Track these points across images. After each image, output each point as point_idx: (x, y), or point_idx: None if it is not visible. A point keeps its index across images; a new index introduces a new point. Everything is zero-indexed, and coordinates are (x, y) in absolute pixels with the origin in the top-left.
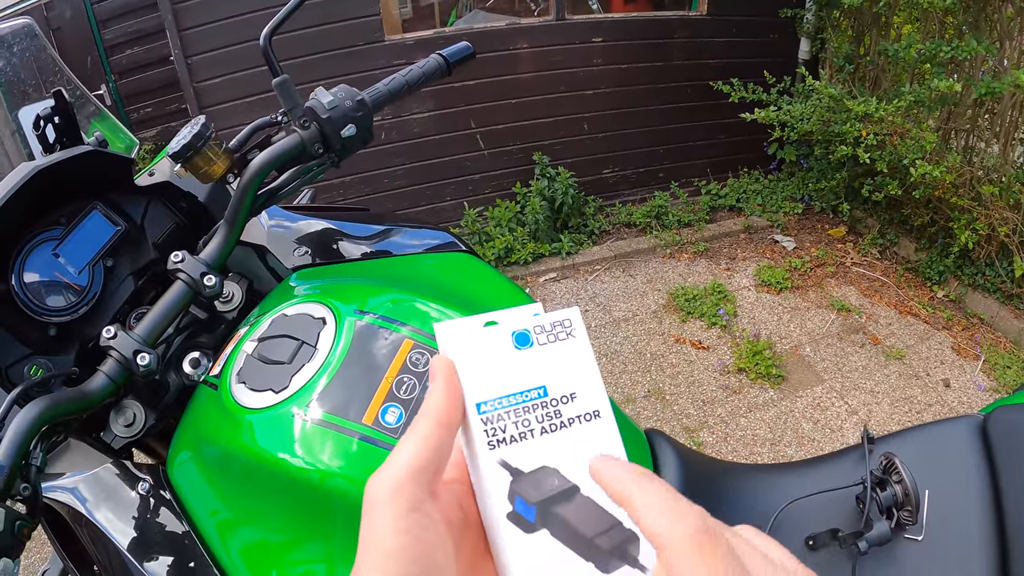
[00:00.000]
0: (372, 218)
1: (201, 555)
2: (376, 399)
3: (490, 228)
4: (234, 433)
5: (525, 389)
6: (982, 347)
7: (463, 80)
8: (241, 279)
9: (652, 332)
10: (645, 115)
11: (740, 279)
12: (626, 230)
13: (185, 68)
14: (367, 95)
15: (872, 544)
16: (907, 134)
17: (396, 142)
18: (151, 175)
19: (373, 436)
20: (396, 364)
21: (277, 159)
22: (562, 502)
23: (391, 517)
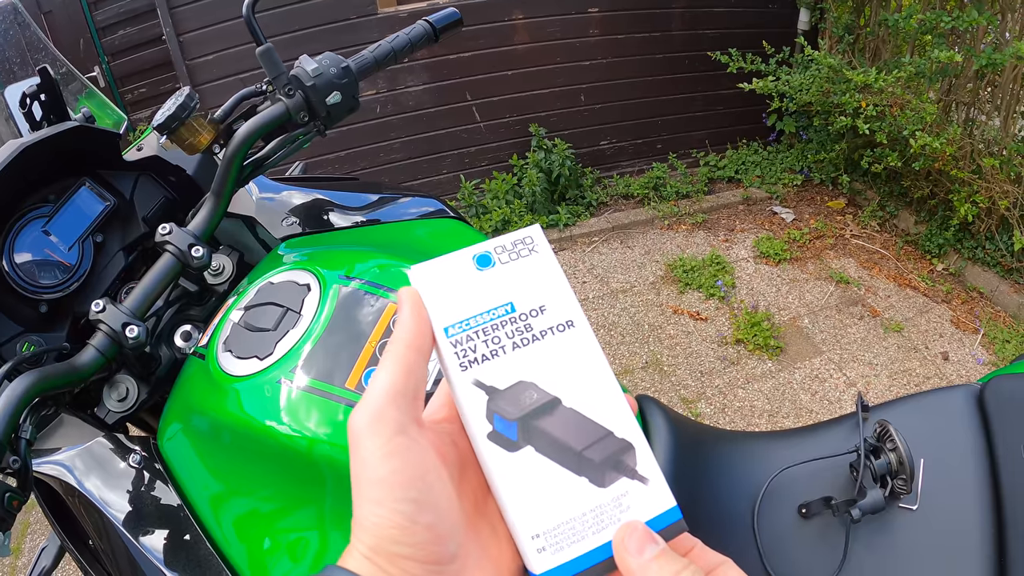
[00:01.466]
0: (362, 187)
1: (194, 528)
2: (360, 363)
3: (487, 201)
4: (221, 402)
5: (491, 307)
6: (981, 320)
7: (458, 52)
8: (231, 251)
9: (650, 303)
10: (642, 86)
11: (738, 250)
12: (624, 202)
13: (177, 46)
14: (352, 62)
15: (865, 512)
16: (907, 105)
17: (392, 115)
18: (139, 150)
19: (357, 400)
20: (380, 328)
21: (262, 128)
22: (544, 415)
23: (377, 444)
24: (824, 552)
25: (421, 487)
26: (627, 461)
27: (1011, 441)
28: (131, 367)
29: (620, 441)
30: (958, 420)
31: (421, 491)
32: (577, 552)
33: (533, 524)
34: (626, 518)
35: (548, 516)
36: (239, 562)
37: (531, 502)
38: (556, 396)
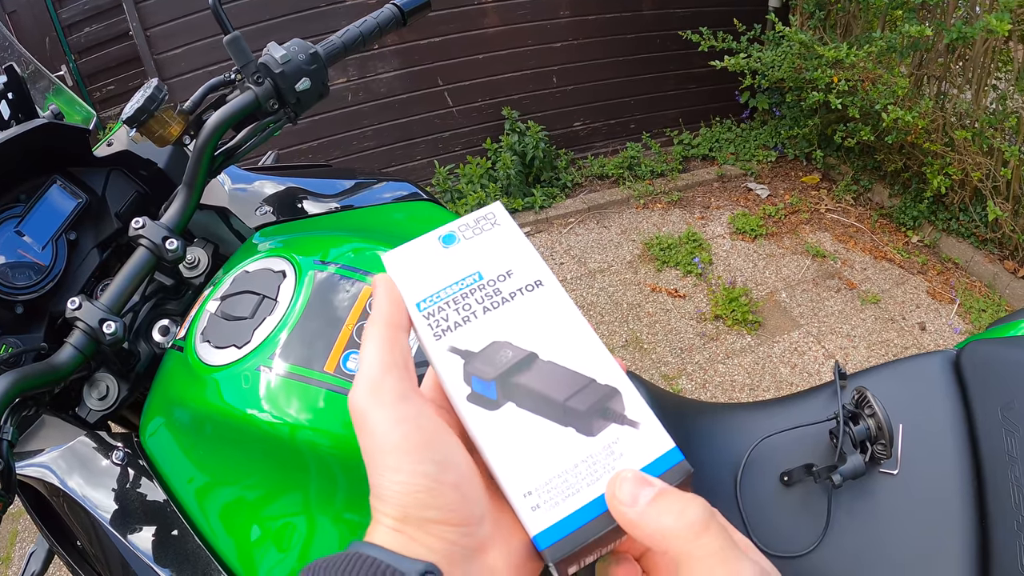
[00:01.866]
0: (335, 173)
1: (181, 523)
2: (337, 346)
3: (462, 185)
4: (201, 392)
5: (460, 279)
6: (957, 291)
7: (428, 37)
8: (206, 244)
9: (628, 282)
10: (614, 66)
11: (715, 227)
12: (599, 182)
13: (144, 41)
14: (321, 48)
15: (846, 477)
16: (879, 80)
17: (363, 103)
18: (109, 145)
19: (336, 384)
20: (356, 311)
21: (232, 117)
22: (522, 371)
23: (383, 413)
24: (807, 519)
25: (438, 447)
26: (614, 407)
27: (988, 404)
28: (110, 365)
29: (604, 387)
30: (935, 385)
31: (439, 451)
32: (574, 506)
33: (523, 482)
34: (620, 465)
35: (538, 472)
36: (227, 554)
37: (519, 459)
38: (532, 351)
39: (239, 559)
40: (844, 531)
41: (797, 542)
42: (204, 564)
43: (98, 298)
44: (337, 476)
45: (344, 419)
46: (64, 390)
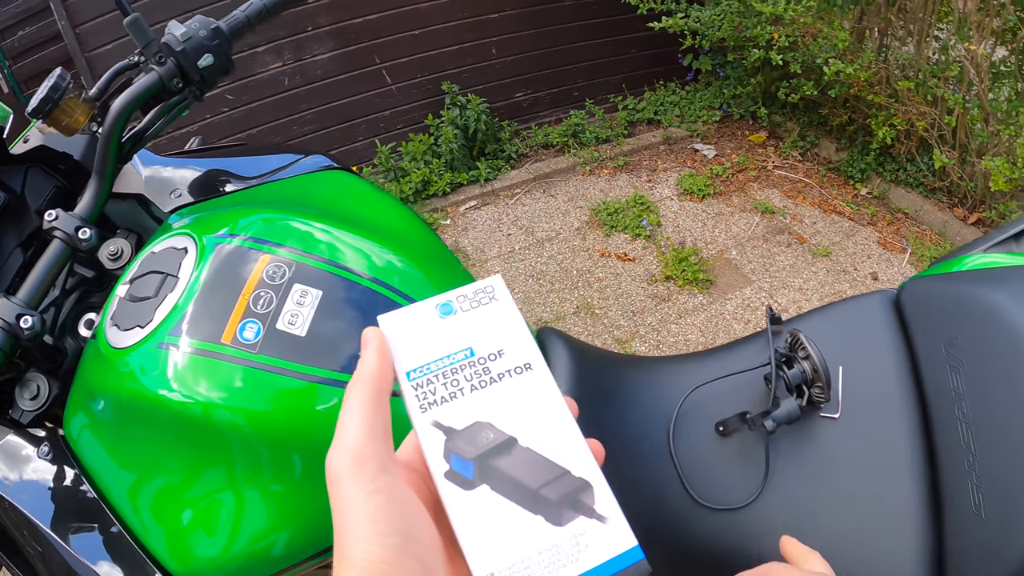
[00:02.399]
0: (252, 151)
1: (109, 517)
2: (234, 317)
3: (405, 163)
4: (113, 377)
5: (451, 352)
6: (908, 240)
7: (362, 16)
8: (129, 234)
9: (577, 249)
10: (554, 35)
11: (662, 190)
12: (544, 151)
13: (75, 39)
14: (223, 23)
15: (780, 422)
16: (819, 34)
17: (300, 87)
18: (26, 142)
19: (234, 355)
20: (252, 280)
21: (136, 100)
22: (500, 455)
23: (361, 482)
24: (747, 470)
25: (407, 521)
26: (585, 500)
27: (930, 340)
28: (39, 363)
29: (577, 480)
30: (876, 325)
31: (407, 525)
32: None
33: (488, 563)
34: (584, 557)
35: (503, 555)
36: (159, 547)
37: (486, 540)
38: (512, 436)
39: (171, 549)
40: (787, 479)
41: (738, 493)
42: (133, 554)
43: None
44: (260, 451)
45: (261, 396)
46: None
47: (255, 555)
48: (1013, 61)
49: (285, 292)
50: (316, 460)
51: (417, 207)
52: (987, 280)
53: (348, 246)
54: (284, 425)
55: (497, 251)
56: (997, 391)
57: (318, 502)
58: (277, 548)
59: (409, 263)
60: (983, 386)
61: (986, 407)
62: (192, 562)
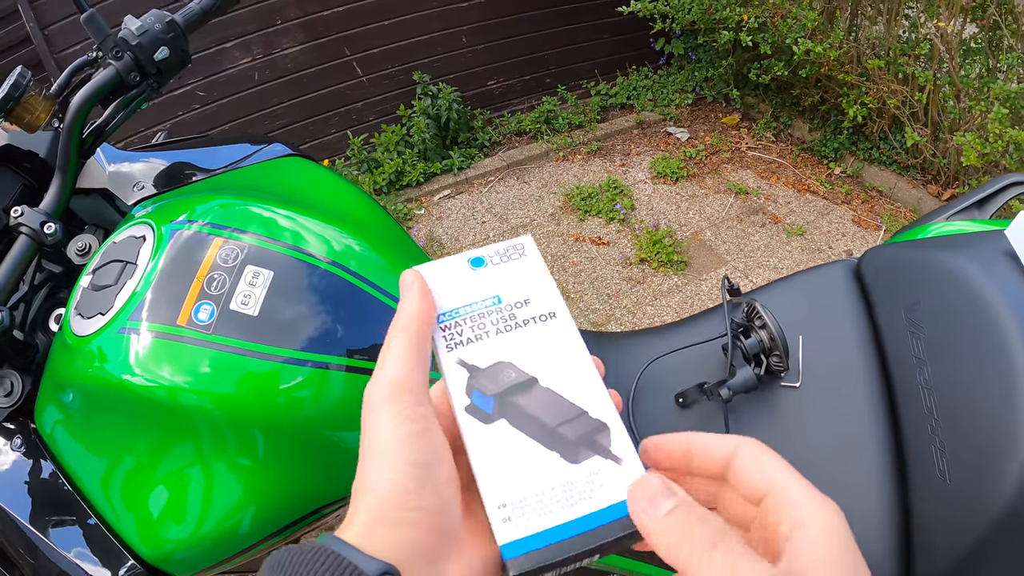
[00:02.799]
0: (213, 141)
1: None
2: (188, 299)
3: (378, 154)
4: (79, 366)
5: (480, 299)
6: (882, 218)
7: (331, 8)
8: (96, 229)
9: (551, 234)
10: (525, 21)
11: (635, 173)
12: (517, 139)
13: (43, 41)
14: (179, 16)
15: (736, 391)
16: (788, 14)
17: (270, 81)
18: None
19: (190, 336)
20: (207, 263)
21: (95, 95)
22: (520, 393)
23: (397, 409)
24: None
25: (432, 453)
26: (601, 440)
27: (892, 307)
28: (11, 359)
29: (595, 421)
30: (837, 294)
31: (432, 457)
32: (543, 525)
33: (501, 494)
34: (597, 496)
35: (517, 487)
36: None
37: (501, 473)
38: (533, 376)
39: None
40: None
41: None
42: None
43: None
44: (225, 431)
45: (217, 375)
46: None
47: (224, 533)
48: (983, 38)
49: (238, 274)
50: (277, 438)
51: (391, 198)
52: (947, 246)
53: (305, 229)
54: (243, 404)
55: (472, 239)
56: (958, 355)
57: (281, 478)
58: (244, 525)
59: (367, 246)
60: (944, 351)
61: (947, 372)
62: (163, 545)
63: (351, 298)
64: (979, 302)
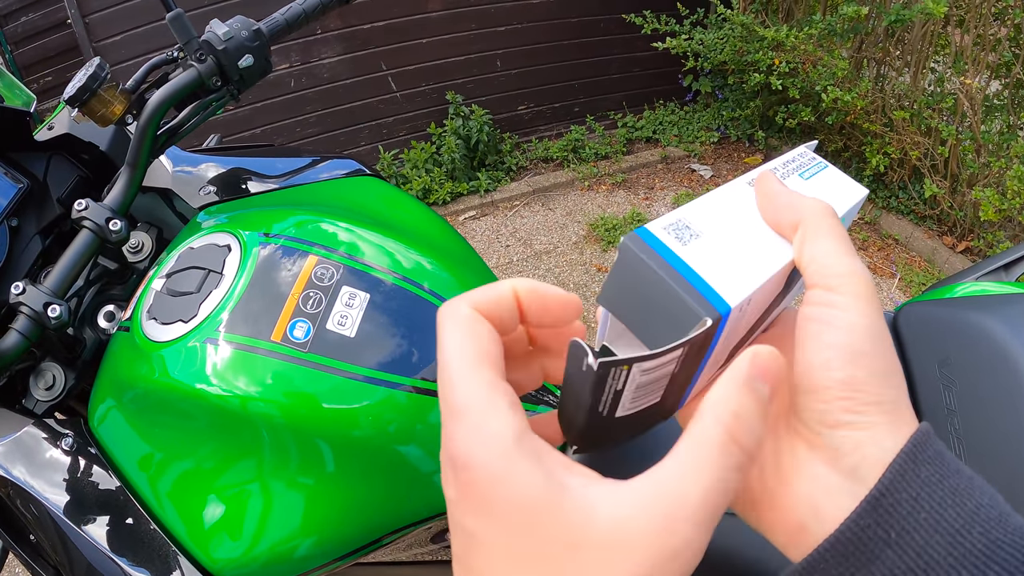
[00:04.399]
0: (278, 152)
1: (135, 508)
2: (284, 316)
3: (406, 170)
4: (149, 370)
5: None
6: (897, 266)
7: (372, 22)
8: (150, 228)
9: (574, 263)
10: (559, 50)
11: (659, 207)
12: (543, 165)
13: (83, 28)
14: (264, 25)
15: None
16: (819, 62)
17: (306, 89)
18: (50, 128)
19: (284, 352)
20: (301, 281)
21: (175, 95)
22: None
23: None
24: None
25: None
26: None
27: (925, 361)
28: (56, 353)
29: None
30: None
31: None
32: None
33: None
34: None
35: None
36: (182, 533)
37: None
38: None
39: (194, 537)
40: None
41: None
42: (161, 547)
43: (42, 283)
44: (288, 444)
45: (290, 389)
46: (10, 382)
47: (281, 555)
48: (1006, 95)
49: (334, 294)
50: (347, 456)
51: None
52: (979, 305)
53: (381, 249)
54: (320, 420)
55: (495, 262)
56: (987, 409)
57: (345, 499)
58: (301, 549)
59: (439, 266)
60: (974, 404)
61: (976, 423)
62: (218, 555)
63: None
64: (1008, 360)
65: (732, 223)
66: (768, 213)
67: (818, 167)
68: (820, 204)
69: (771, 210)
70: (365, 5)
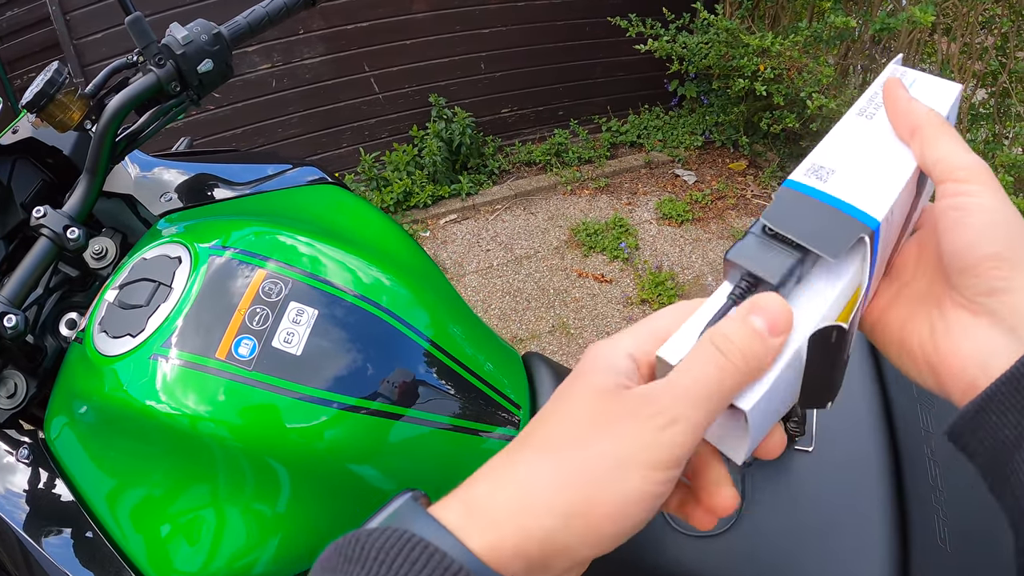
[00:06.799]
0: (244, 157)
1: (90, 525)
2: (229, 332)
3: (388, 173)
4: (100, 385)
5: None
6: None
7: (355, 23)
8: (114, 233)
9: (555, 268)
10: (543, 53)
11: (641, 213)
12: (526, 169)
13: (64, 25)
14: (225, 28)
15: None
16: (804, 68)
17: (288, 90)
18: (15, 132)
19: (228, 371)
20: (248, 296)
21: (133, 101)
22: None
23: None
24: None
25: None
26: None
27: (903, 380)
28: (17, 361)
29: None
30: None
31: (624, 529)
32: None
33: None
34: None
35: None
36: (138, 554)
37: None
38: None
39: (150, 559)
40: (761, 509)
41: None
42: (116, 567)
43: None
44: (244, 467)
45: (251, 411)
46: None
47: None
48: (992, 104)
49: (281, 309)
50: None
51: (398, 218)
52: None
53: (338, 263)
54: (272, 441)
55: (475, 266)
56: None
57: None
58: (258, 567)
59: (397, 282)
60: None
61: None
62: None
63: (390, 340)
64: None
65: (857, 152)
66: (893, 117)
67: (913, 76)
68: (929, 111)
69: (895, 115)
70: (348, 5)
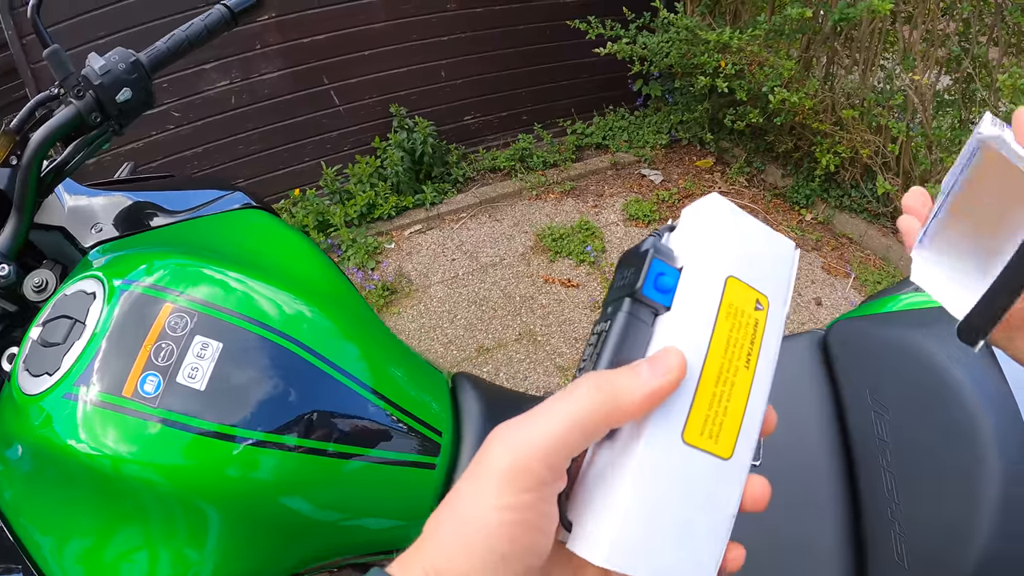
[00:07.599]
0: (179, 184)
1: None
2: (135, 369)
3: (351, 186)
4: (24, 425)
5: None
6: (852, 265)
7: (312, 35)
8: (55, 265)
9: (520, 275)
10: (504, 58)
11: (608, 215)
12: (491, 175)
13: (20, 49)
14: (144, 56)
15: None
16: (765, 63)
17: (247, 106)
18: None
19: (135, 408)
20: (155, 331)
21: (54, 135)
22: None
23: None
24: None
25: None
26: None
27: (856, 385)
28: None
29: None
30: (802, 368)
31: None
32: None
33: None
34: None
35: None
36: None
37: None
38: None
39: None
40: None
41: None
42: None
43: None
44: (175, 509)
45: (168, 451)
46: None
47: None
48: (957, 90)
49: (186, 344)
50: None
51: (362, 230)
52: (917, 322)
53: (258, 296)
54: (187, 477)
55: (441, 276)
56: (921, 442)
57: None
58: None
59: (319, 313)
60: (907, 435)
61: (909, 457)
62: None
63: (301, 373)
64: (945, 389)
65: None
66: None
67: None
68: None
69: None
70: (305, 18)
